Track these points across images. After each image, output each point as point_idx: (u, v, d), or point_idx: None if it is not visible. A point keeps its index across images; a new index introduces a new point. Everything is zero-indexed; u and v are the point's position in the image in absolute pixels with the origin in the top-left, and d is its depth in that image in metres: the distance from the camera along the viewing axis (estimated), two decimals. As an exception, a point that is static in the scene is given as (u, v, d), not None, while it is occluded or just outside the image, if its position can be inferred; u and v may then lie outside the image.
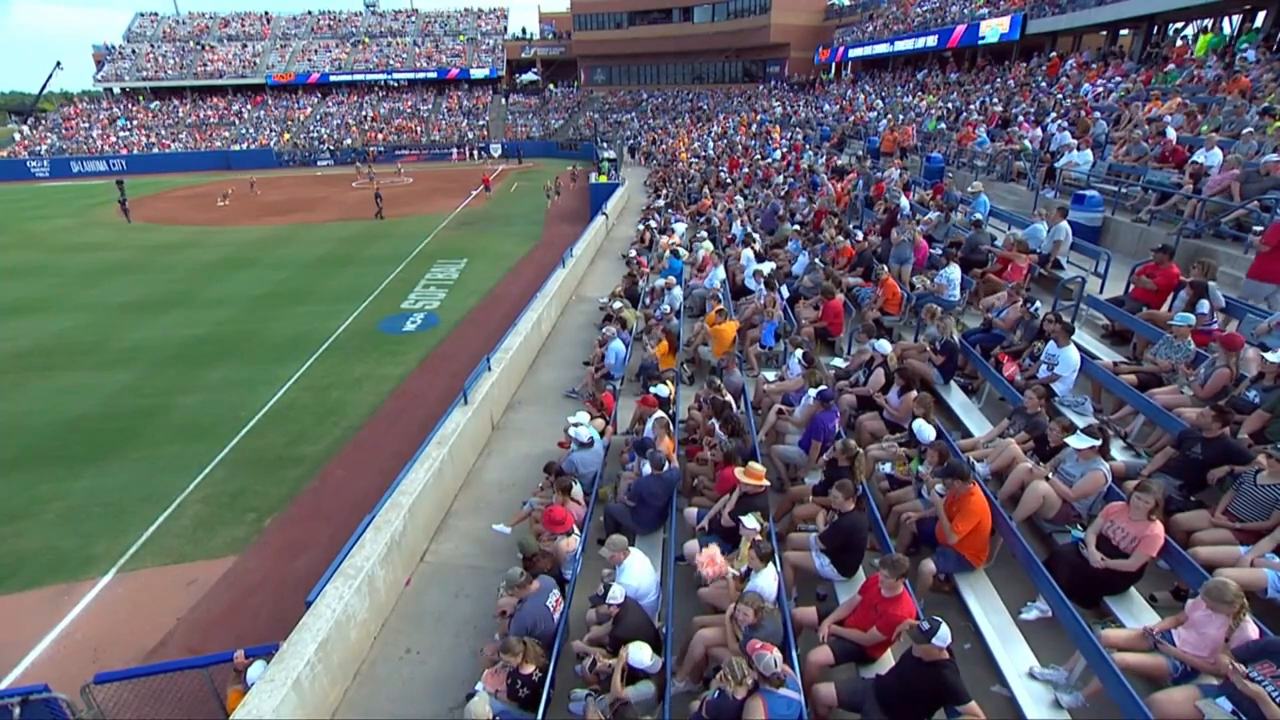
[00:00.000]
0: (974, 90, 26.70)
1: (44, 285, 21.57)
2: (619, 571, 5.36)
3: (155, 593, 8.28)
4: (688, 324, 12.09)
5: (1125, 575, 4.76)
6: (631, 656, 4.24)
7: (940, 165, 17.24)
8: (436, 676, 5.69)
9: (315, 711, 5.09)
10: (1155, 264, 8.13)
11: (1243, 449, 5.28)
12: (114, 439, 11.80)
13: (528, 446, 9.20)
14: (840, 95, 38.93)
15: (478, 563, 6.99)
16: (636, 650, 4.28)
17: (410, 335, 16.48)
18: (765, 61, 56.09)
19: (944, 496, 5.42)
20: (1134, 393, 6.56)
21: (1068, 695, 4.28)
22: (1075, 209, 11.15)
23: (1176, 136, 12.08)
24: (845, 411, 7.70)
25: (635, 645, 4.32)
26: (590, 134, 54.03)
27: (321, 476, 10.59)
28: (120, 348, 16.08)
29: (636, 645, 4.32)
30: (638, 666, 4.23)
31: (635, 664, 4.22)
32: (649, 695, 4.53)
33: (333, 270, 22.38)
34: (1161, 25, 24.08)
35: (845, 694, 4.41)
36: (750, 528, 5.26)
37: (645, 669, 4.27)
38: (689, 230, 19.13)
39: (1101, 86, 19.23)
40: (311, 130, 55.72)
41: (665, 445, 7.00)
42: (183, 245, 26.79)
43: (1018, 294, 8.64)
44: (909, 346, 8.62)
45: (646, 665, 4.27)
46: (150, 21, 63.52)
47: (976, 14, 32.44)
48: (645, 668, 4.27)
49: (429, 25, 66.38)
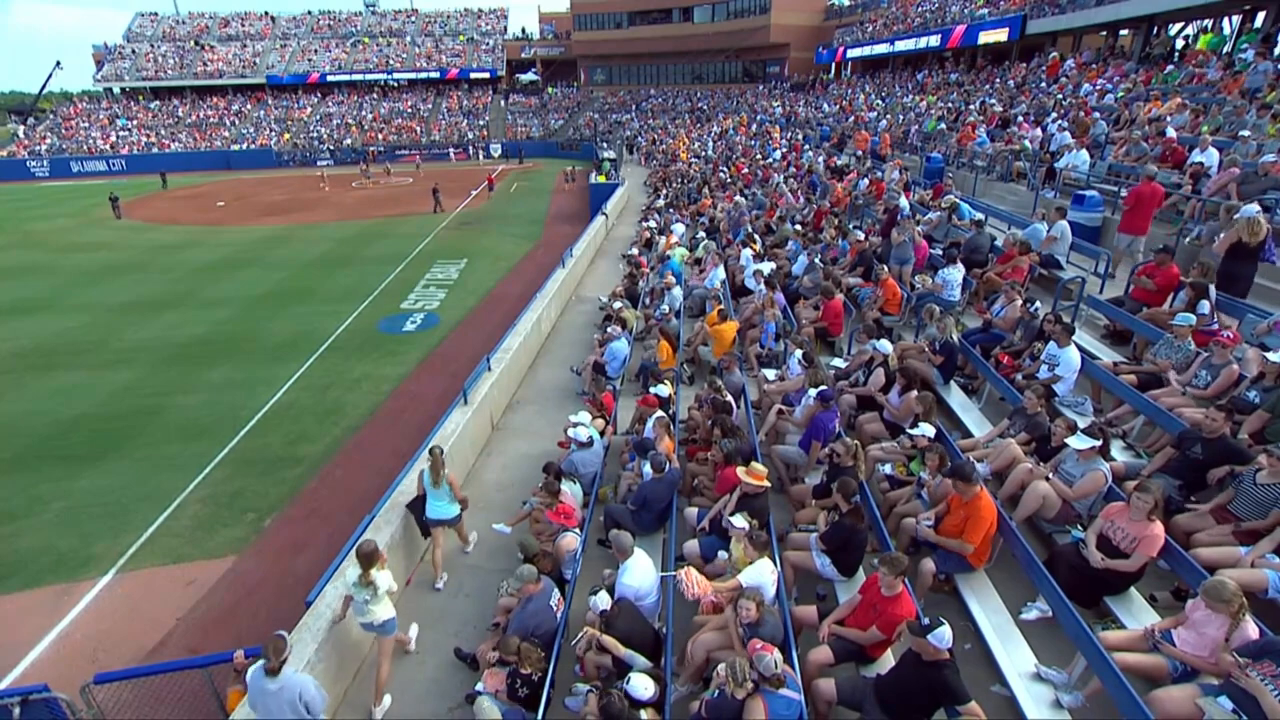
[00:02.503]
0: (974, 90, 26.70)
1: (44, 285, 21.57)
2: (621, 571, 5.36)
3: (155, 593, 8.28)
4: (688, 324, 12.09)
5: (1125, 575, 4.76)
6: (631, 688, 4.23)
7: (940, 165, 17.24)
8: (436, 676, 5.69)
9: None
10: (1155, 264, 8.13)
11: (1243, 449, 5.28)
12: (114, 439, 11.80)
13: (527, 446, 9.20)
14: (840, 95, 38.93)
15: (477, 562, 6.99)
16: (636, 681, 4.26)
17: (410, 335, 16.47)
18: (765, 61, 56.10)
19: (939, 520, 5.41)
20: (1134, 393, 6.56)
21: (1068, 695, 4.28)
22: (1075, 209, 11.14)
23: (1178, 137, 12.09)
24: (845, 411, 7.70)
25: (636, 676, 4.30)
26: (590, 134, 54.05)
27: (321, 476, 10.58)
28: (120, 348, 16.07)
29: (637, 676, 4.30)
30: (637, 698, 4.20)
31: (635, 695, 4.20)
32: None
33: (332, 270, 22.37)
34: (1161, 25, 24.07)
35: (845, 691, 4.41)
36: (739, 526, 5.25)
37: (644, 701, 4.24)
38: (689, 230, 19.13)
39: (1101, 86, 19.23)
40: (311, 130, 55.73)
41: (665, 445, 7.00)
42: (182, 245, 26.79)
43: (1016, 293, 8.64)
44: (909, 346, 8.62)
45: (646, 698, 4.24)
46: (150, 21, 63.52)
47: (976, 14, 32.47)
48: (644, 700, 4.24)
49: (429, 25, 66.42)
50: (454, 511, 6.62)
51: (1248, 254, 7.60)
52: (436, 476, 6.45)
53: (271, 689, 4.31)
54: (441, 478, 6.46)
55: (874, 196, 15.60)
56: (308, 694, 4.39)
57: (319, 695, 4.47)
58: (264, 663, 4.33)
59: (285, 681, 4.33)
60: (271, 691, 4.31)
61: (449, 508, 6.58)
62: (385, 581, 5.26)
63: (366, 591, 5.19)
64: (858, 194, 16.27)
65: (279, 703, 4.32)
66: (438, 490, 6.50)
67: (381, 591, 5.23)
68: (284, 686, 4.32)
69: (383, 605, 5.27)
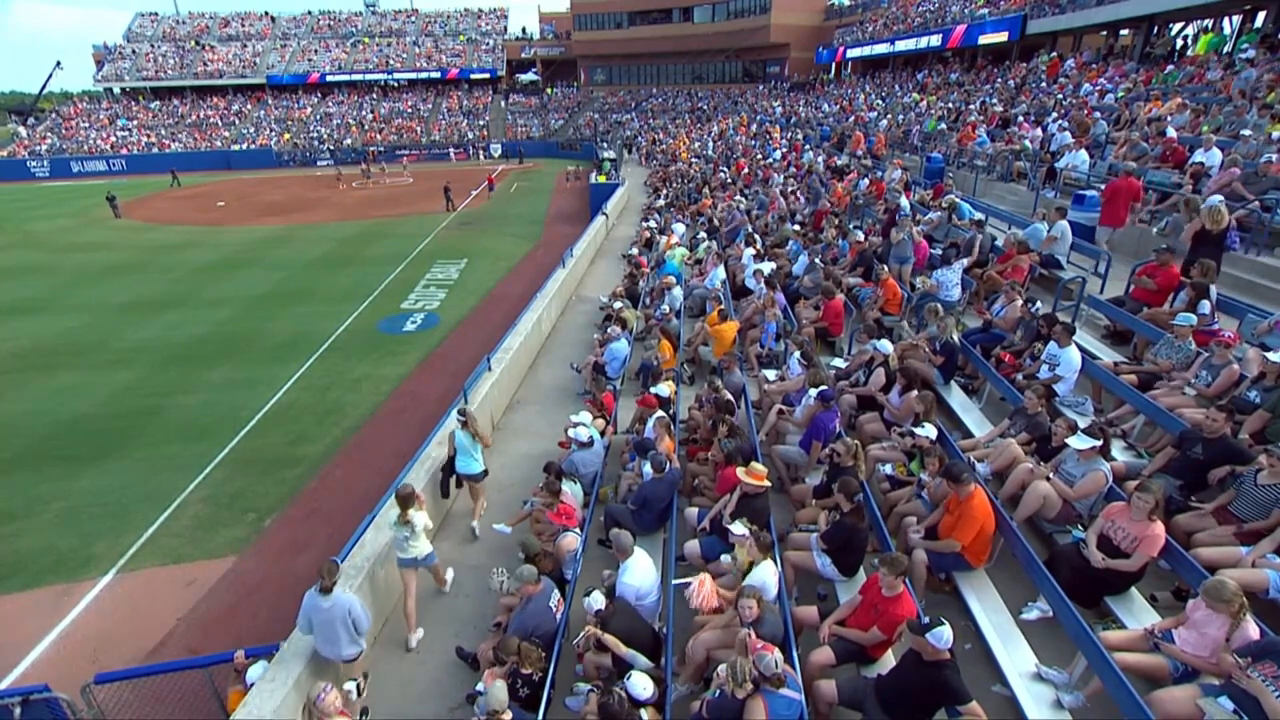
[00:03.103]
0: (974, 90, 26.70)
1: (44, 285, 21.57)
2: (621, 570, 5.36)
3: (155, 593, 8.28)
4: (688, 324, 12.09)
5: (1126, 575, 4.76)
6: (631, 687, 4.24)
7: (940, 165, 17.23)
8: (436, 676, 5.69)
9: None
10: (1156, 264, 8.13)
11: (1243, 449, 5.27)
12: (114, 439, 11.80)
13: (528, 446, 9.20)
14: (840, 95, 38.93)
15: (478, 562, 6.99)
16: (635, 680, 4.28)
17: (410, 335, 16.47)
18: (765, 61, 56.11)
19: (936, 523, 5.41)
20: (1134, 393, 6.56)
21: (1068, 695, 4.28)
22: (1075, 209, 11.14)
23: (1178, 137, 12.09)
24: (845, 411, 7.70)
25: (635, 675, 4.31)
26: (590, 134, 54.04)
27: (321, 476, 10.58)
28: (120, 348, 16.07)
29: (637, 675, 4.32)
30: (636, 698, 4.22)
31: (634, 695, 4.22)
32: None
33: (333, 270, 22.37)
34: (1162, 25, 24.07)
35: (846, 692, 4.41)
36: (739, 534, 5.22)
37: (644, 701, 4.26)
38: (689, 230, 19.13)
39: (1102, 86, 19.23)
40: (311, 130, 55.73)
41: (666, 445, 7.00)
42: (183, 245, 26.78)
43: (1016, 293, 8.64)
44: (909, 345, 8.62)
45: (645, 698, 4.26)
46: (150, 21, 63.53)
47: (977, 14, 32.48)
48: (644, 700, 4.25)
49: (429, 25, 66.42)
50: (480, 468, 7.48)
51: (1212, 241, 8.14)
52: (474, 434, 7.33)
53: (324, 606, 4.99)
54: (475, 436, 7.34)
55: (874, 196, 15.60)
56: (355, 611, 5.11)
57: (364, 613, 5.21)
58: (319, 582, 4.99)
59: (336, 600, 5.00)
60: (324, 608, 4.99)
61: (476, 464, 7.43)
62: (422, 520, 5.96)
63: (406, 530, 5.87)
64: (858, 194, 16.27)
65: (330, 618, 5.01)
66: (469, 446, 7.34)
67: (419, 529, 5.92)
68: (335, 604, 5.00)
69: (421, 541, 5.99)
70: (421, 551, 5.98)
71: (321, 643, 5.11)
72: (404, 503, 5.90)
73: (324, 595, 4.98)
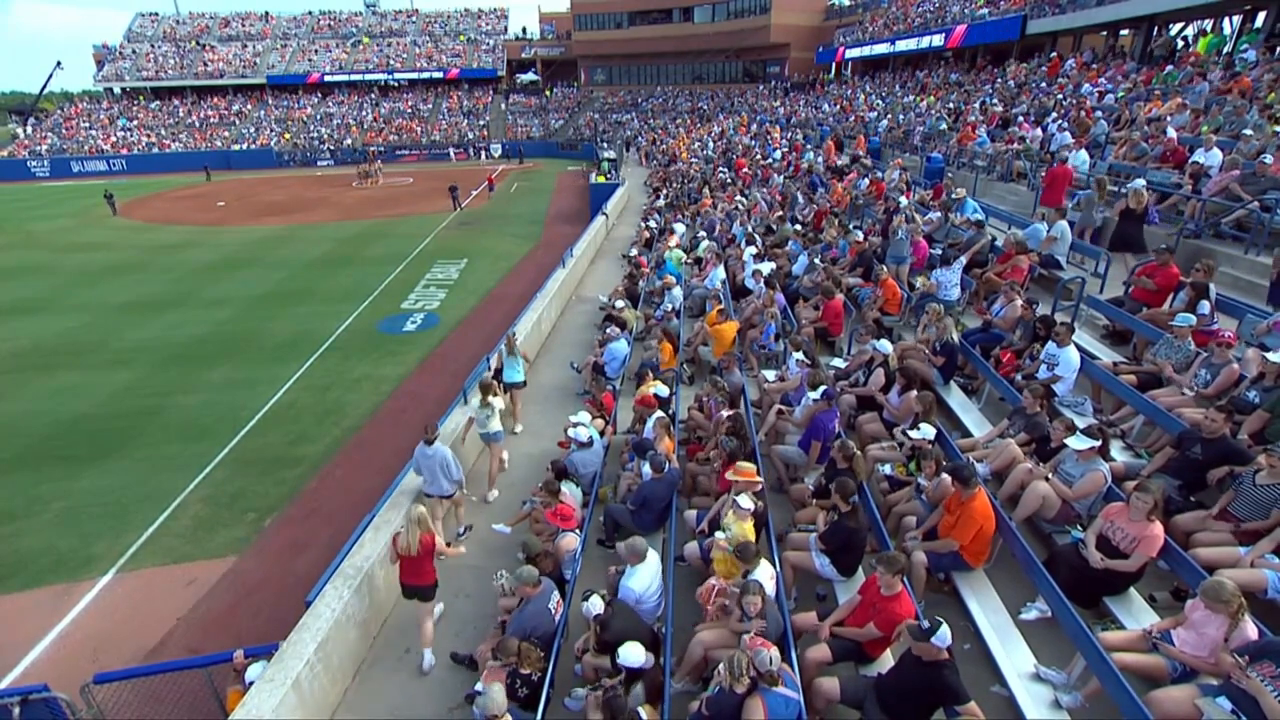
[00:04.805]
0: (974, 90, 26.68)
1: (44, 285, 21.58)
2: (628, 574, 5.36)
3: (155, 593, 8.29)
4: (688, 324, 12.09)
5: (1125, 575, 4.76)
6: (623, 656, 4.24)
7: (940, 165, 17.23)
8: (436, 676, 5.69)
9: (315, 711, 5.09)
10: (1156, 264, 8.13)
11: (1242, 449, 5.27)
12: (114, 439, 11.80)
13: (528, 446, 9.20)
14: (840, 95, 38.91)
15: (478, 562, 6.98)
16: (628, 650, 4.29)
17: (410, 335, 16.48)
18: (765, 62, 56.05)
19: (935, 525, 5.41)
20: (1134, 393, 6.56)
21: (1067, 695, 4.28)
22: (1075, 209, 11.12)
23: (1178, 137, 12.09)
24: (845, 411, 7.70)
25: (628, 645, 4.32)
26: (590, 134, 54.03)
27: (321, 476, 10.59)
28: (120, 348, 16.08)
29: (629, 644, 4.32)
30: (630, 665, 4.23)
31: (627, 663, 4.22)
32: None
33: (333, 270, 22.38)
34: (1162, 25, 24.05)
35: (847, 690, 4.41)
36: (745, 507, 5.38)
37: (638, 667, 4.27)
38: (689, 230, 19.13)
39: (1102, 86, 19.21)
40: (312, 130, 55.73)
41: (665, 445, 7.00)
42: (183, 245, 26.79)
43: (1016, 293, 8.64)
44: (909, 346, 8.62)
45: (638, 664, 4.27)
46: (150, 21, 63.53)
47: (977, 14, 32.45)
48: (638, 666, 4.27)
49: (429, 25, 66.40)
50: (521, 378, 9.39)
51: (1135, 218, 9.52)
52: (511, 349, 9.29)
53: (429, 453, 6.70)
54: (516, 350, 9.32)
55: (874, 196, 15.59)
56: (450, 460, 6.78)
57: (456, 464, 6.86)
58: (425, 436, 6.72)
59: (437, 449, 6.73)
60: (429, 455, 6.70)
61: (519, 374, 9.35)
62: (498, 403, 7.91)
63: (487, 410, 7.77)
64: (858, 194, 16.26)
65: (433, 463, 6.71)
66: (512, 359, 9.28)
67: (495, 410, 7.81)
68: (436, 451, 6.71)
69: (495, 420, 7.82)
70: (494, 428, 7.79)
71: (427, 482, 6.80)
72: (484, 390, 7.78)
73: (429, 445, 6.67)
